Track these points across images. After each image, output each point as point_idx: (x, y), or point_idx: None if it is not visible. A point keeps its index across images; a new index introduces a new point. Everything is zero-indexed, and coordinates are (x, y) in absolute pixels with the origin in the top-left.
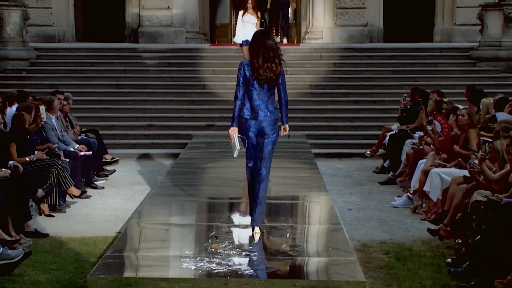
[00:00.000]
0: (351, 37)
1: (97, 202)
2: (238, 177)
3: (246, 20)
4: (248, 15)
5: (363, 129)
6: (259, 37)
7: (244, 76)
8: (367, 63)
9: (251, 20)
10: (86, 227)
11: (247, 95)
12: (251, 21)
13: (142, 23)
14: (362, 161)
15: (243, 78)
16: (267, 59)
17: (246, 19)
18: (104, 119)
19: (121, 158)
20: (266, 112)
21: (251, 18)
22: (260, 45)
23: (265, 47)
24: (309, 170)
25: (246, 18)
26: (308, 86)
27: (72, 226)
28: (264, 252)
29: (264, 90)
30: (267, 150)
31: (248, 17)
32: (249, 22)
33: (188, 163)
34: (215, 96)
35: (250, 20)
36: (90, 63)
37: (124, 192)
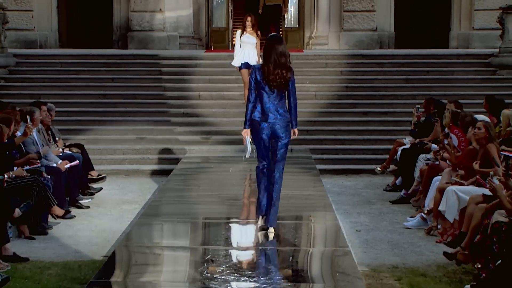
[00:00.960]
0: (360, 43)
1: (82, 223)
2: (236, 195)
3: (245, 40)
4: (247, 35)
5: (372, 143)
6: (271, 43)
7: (256, 80)
8: (377, 71)
9: (251, 40)
10: (70, 251)
11: (258, 98)
12: (250, 41)
13: (132, 27)
14: (372, 178)
15: (254, 82)
16: (278, 65)
17: (244, 40)
18: (90, 132)
19: (108, 175)
20: (276, 115)
21: (250, 38)
22: (272, 51)
23: (276, 53)
24: (314, 187)
25: (244, 39)
26: (313, 96)
27: (54, 249)
28: (264, 278)
29: (274, 94)
30: (280, 153)
31: (247, 37)
32: (248, 43)
33: (181, 180)
34: (211, 107)
35: (249, 41)
36: (75, 71)
37: (112, 212)
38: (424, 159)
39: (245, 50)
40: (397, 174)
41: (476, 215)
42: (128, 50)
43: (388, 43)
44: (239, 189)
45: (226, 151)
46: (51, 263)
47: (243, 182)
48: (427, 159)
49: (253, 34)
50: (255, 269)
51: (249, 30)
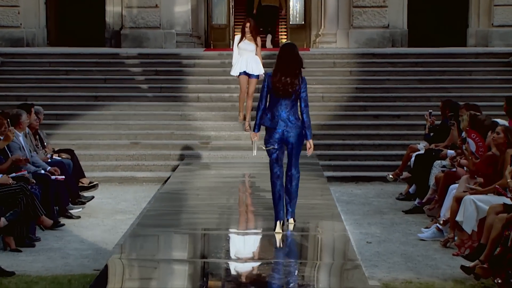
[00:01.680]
0: (370, 41)
1: (72, 234)
2: (238, 204)
3: (243, 47)
4: (245, 41)
5: (384, 149)
6: (284, 51)
7: (268, 87)
8: (388, 71)
9: (249, 47)
10: (59, 264)
11: (269, 104)
12: (248, 48)
13: (125, 24)
14: (383, 186)
15: (266, 89)
16: (286, 73)
17: (243, 46)
18: (81, 137)
19: (100, 182)
20: (287, 122)
21: (249, 45)
22: (283, 58)
23: (287, 61)
24: (321, 196)
25: (243, 45)
26: (320, 98)
27: (42, 262)
28: None
29: (286, 101)
30: (294, 158)
31: (246, 43)
32: (246, 50)
33: (179, 188)
34: (210, 109)
35: (248, 47)
36: (64, 71)
37: (104, 222)
38: (440, 165)
39: (244, 58)
40: (411, 181)
41: (496, 226)
42: (121, 49)
43: (401, 41)
44: (241, 197)
45: (227, 156)
46: (38, 278)
47: (244, 189)
48: (442, 165)
49: (252, 40)
50: (258, 283)
51: (248, 36)
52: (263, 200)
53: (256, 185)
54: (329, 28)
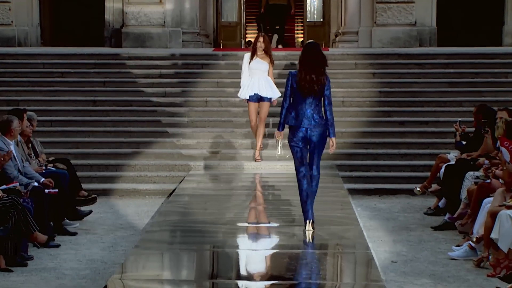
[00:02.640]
0: (395, 40)
1: (68, 253)
2: (249, 220)
3: (255, 66)
4: (257, 60)
5: (411, 158)
6: (308, 49)
7: (291, 85)
8: (416, 73)
9: (262, 66)
10: (54, 285)
11: (293, 103)
12: (261, 67)
13: (127, 22)
14: (410, 200)
15: (290, 88)
16: (312, 72)
17: (254, 66)
18: (78, 145)
19: (99, 195)
20: (311, 121)
21: (261, 63)
22: (307, 56)
23: (311, 60)
24: (341, 210)
25: (254, 64)
26: (340, 102)
27: (35, 283)
28: None
29: (309, 99)
30: (316, 156)
31: (258, 62)
32: (258, 69)
33: (185, 201)
34: (220, 115)
35: (260, 67)
36: (59, 73)
37: (103, 239)
38: (473, 177)
39: (255, 79)
40: (440, 195)
41: None
42: (122, 49)
43: (429, 40)
44: (253, 212)
45: (239, 167)
46: None
47: (257, 203)
48: (476, 177)
49: (265, 59)
50: None
51: (260, 54)
52: (277, 215)
53: (270, 199)
54: (350, 26)
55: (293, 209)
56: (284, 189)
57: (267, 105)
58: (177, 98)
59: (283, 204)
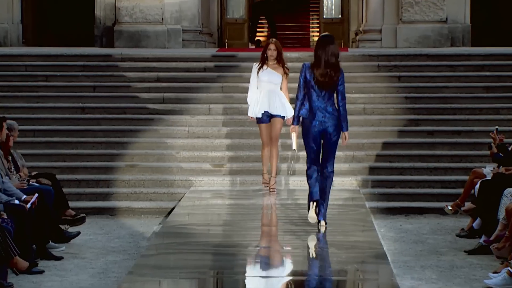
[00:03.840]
0: (424, 39)
1: (53, 279)
2: (256, 243)
3: (265, 78)
4: (268, 70)
5: (441, 173)
6: (322, 42)
7: (305, 78)
8: (447, 77)
9: (274, 78)
10: None
11: (307, 96)
12: (273, 79)
13: (120, 19)
14: (441, 220)
15: (303, 80)
16: (328, 66)
17: (264, 77)
18: (64, 158)
19: (88, 215)
20: (325, 113)
21: (273, 75)
22: (323, 50)
23: (327, 53)
24: (362, 232)
25: (265, 76)
26: (361, 109)
27: None
28: None
29: (323, 93)
30: (331, 150)
31: (269, 73)
32: (269, 82)
33: (185, 222)
34: (225, 124)
35: (272, 79)
36: (44, 77)
37: (93, 264)
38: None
39: (265, 94)
40: (475, 214)
41: None
42: (114, 49)
43: (462, 39)
44: (262, 233)
45: (245, 183)
46: None
47: (266, 224)
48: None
49: (277, 69)
50: None
51: (272, 64)
52: (290, 237)
53: (282, 218)
54: (372, 23)
55: (308, 230)
56: (297, 208)
57: (280, 122)
58: (176, 105)
59: (296, 225)
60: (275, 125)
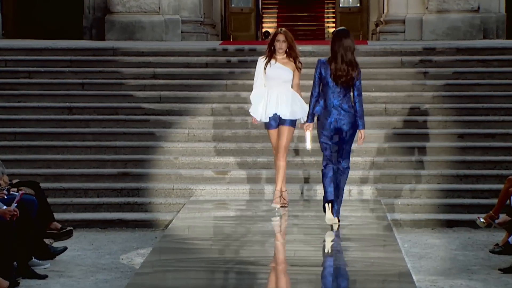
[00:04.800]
0: (453, 30)
1: None
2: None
3: (273, 74)
4: (276, 66)
5: (472, 181)
6: (338, 37)
7: (320, 74)
8: (479, 73)
9: (283, 74)
10: None
11: (322, 93)
12: (283, 76)
13: (112, 8)
14: (472, 234)
15: (319, 77)
16: (344, 61)
17: (272, 73)
18: (49, 164)
19: (76, 228)
20: (340, 111)
21: (283, 70)
22: (339, 45)
23: (343, 48)
24: (384, 247)
25: (272, 71)
26: (382, 110)
27: None
28: None
29: (339, 89)
30: (346, 147)
31: (277, 68)
32: (278, 79)
33: (184, 236)
34: (229, 126)
35: (282, 75)
36: (26, 73)
37: (81, 283)
38: None
39: (273, 93)
40: (511, 228)
41: None
42: (105, 42)
43: (496, 30)
44: (271, 249)
45: (252, 192)
46: None
47: (275, 239)
48: None
49: (287, 64)
50: None
51: (281, 57)
52: (301, 254)
53: (292, 233)
54: (394, 13)
55: (321, 244)
56: (310, 220)
57: (289, 131)
58: (175, 105)
59: (308, 239)
60: (282, 134)
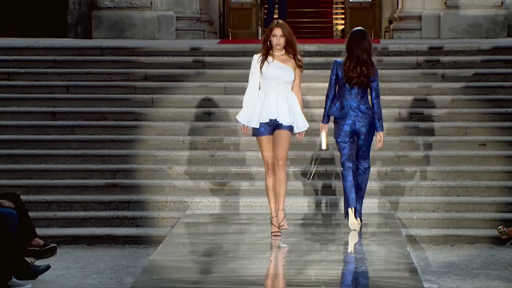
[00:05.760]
0: (474, 28)
1: None
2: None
3: (270, 74)
4: (274, 64)
5: (495, 193)
6: (355, 37)
7: (336, 75)
8: (503, 74)
9: (283, 74)
10: None
11: (339, 94)
12: (282, 75)
13: (99, 3)
14: (495, 251)
15: (335, 78)
16: (360, 62)
17: (270, 72)
18: (31, 174)
19: (59, 245)
20: (358, 112)
21: (283, 69)
22: (355, 46)
23: (359, 49)
24: (398, 265)
25: (270, 71)
26: (396, 115)
27: None
28: None
29: (356, 90)
30: (365, 148)
31: (275, 67)
32: (276, 79)
33: (179, 253)
34: (228, 133)
35: (281, 75)
36: (5, 74)
37: None
38: None
39: (271, 96)
40: None
41: None
42: (92, 41)
43: None
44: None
45: (254, 205)
46: None
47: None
48: None
49: (287, 62)
50: None
51: (279, 54)
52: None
53: (297, 249)
54: (410, 9)
55: (329, 264)
56: (316, 235)
57: (288, 137)
58: (168, 109)
59: (315, 259)
60: (279, 140)
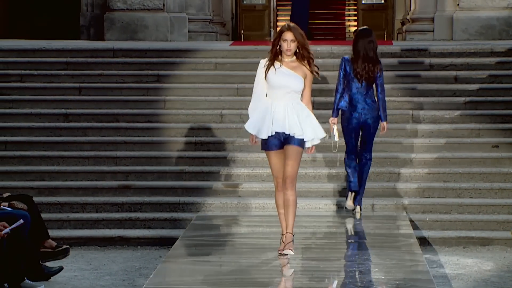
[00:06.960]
0: (487, 29)
1: None
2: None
3: (277, 82)
4: (282, 71)
5: (508, 195)
6: (360, 36)
7: (345, 71)
8: None
9: (291, 82)
10: None
11: (347, 88)
12: (290, 83)
13: (112, 5)
14: (508, 253)
15: (343, 74)
16: (366, 60)
17: (276, 80)
18: (43, 176)
19: (72, 246)
20: (364, 105)
21: (292, 77)
22: (361, 44)
23: (365, 48)
24: (410, 268)
25: (277, 78)
26: (408, 117)
27: None
28: None
29: (363, 85)
30: (369, 139)
31: (283, 75)
32: (284, 87)
33: (191, 254)
34: (240, 134)
35: (290, 83)
36: (18, 76)
37: None
38: None
39: (278, 105)
40: None
41: None
42: (105, 42)
43: None
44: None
45: (266, 207)
46: None
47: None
48: None
49: (297, 69)
50: None
51: (289, 60)
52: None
53: (310, 251)
54: (422, 10)
55: (342, 267)
56: (331, 238)
57: (298, 153)
58: (181, 111)
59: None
60: (290, 157)
